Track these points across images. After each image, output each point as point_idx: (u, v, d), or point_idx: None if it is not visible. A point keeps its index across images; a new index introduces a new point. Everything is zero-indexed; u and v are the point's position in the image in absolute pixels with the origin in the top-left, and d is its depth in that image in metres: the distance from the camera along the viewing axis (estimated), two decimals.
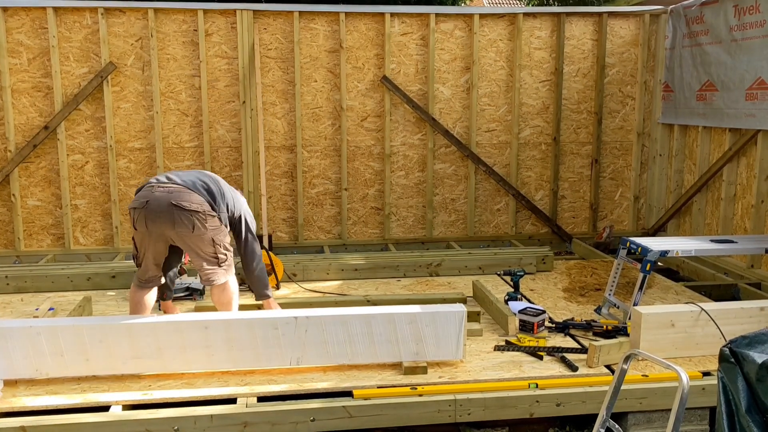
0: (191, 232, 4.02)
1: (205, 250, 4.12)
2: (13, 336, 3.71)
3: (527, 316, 4.52)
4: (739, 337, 2.40)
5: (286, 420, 3.52)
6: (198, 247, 4.11)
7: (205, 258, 4.15)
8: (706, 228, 6.64)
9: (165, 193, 4.03)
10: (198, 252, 4.13)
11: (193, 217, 4.00)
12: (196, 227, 4.02)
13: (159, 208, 3.99)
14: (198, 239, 4.07)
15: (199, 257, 4.15)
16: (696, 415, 3.81)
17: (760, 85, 5.70)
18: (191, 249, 4.14)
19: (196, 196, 4.06)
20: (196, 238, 4.06)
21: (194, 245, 4.10)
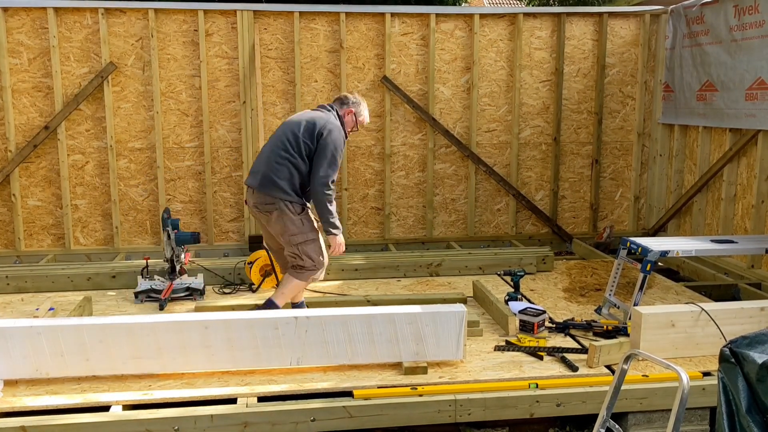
0: (268, 226, 4.60)
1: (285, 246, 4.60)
2: (13, 336, 3.71)
3: (527, 316, 4.52)
4: (739, 337, 2.40)
5: (286, 420, 3.52)
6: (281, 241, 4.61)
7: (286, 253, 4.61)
8: (706, 228, 6.64)
9: (250, 197, 4.62)
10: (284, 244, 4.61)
11: (267, 215, 4.53)
12: (269, 224, 4.57)
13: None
14: (276, 235, 4.60)
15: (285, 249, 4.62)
16: (696, 415, 3.81)
17: (760, 85, 5.70)
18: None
19: (264, 197, 4.53)
20: (274, 233, 4.59)
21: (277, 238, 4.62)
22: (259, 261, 5.65)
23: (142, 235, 6.80)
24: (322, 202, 4.45)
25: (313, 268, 4.57)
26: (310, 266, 4.55)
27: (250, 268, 5.67)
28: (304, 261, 4.53)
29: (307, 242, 4.52)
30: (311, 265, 4.55)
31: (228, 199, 6.87)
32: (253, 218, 6.83)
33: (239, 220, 6.91)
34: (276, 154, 4.47)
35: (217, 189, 6.83)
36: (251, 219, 6.83)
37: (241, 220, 6.90)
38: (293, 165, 4.44)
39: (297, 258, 4.54)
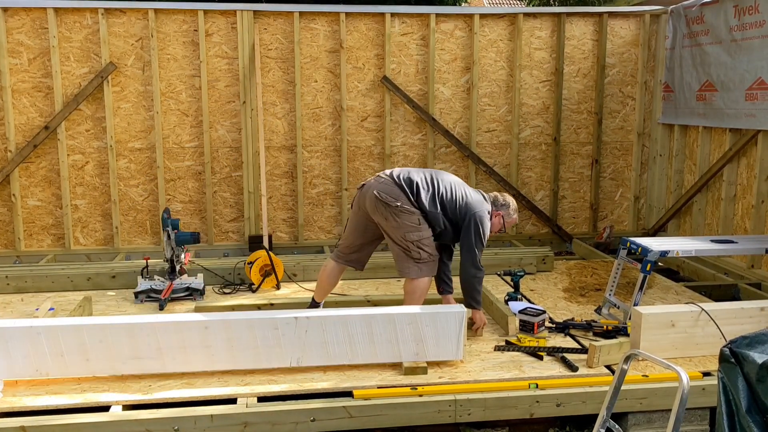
0: (384, 221, 4.36)
1: (396, 241, 4.38)
2: (13, 336, 3.71)
3: (527, 316, 4.52)
4: (739, 337, 2.40)
5: (286, 420, 3.52)
6: (390, 237, 4.42)
7: (397, 248, 4.40)
8: (706, 228, 6.64)
9: (375, 183, 4.44)
10: (391, 240, 4.43)
11: (386, 209, 4.31)
12: (388, 219, 4.33)
13: (367, 193, 4.43)
14: (390, 229, 4.37)
15: (395, 245, 4.42)
16: (696, 415, 3.81)
17: (760, 85, 5.70)
18: (387, 236, 4.45)
19: (396, 190, 4.34)
20: (388, 228, 4.38)
21: (388, 234, 4.42)
22: (259, 261, 5.65)
23: (142, 235, 6.80)
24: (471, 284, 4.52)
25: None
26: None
27: (250, 268, 5.67)
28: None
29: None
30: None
31: (228, 199, 6.87)
32: (252, 218, 6.84)
33: (239, 220, 6.91)
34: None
35: (217, 189, 6.83)
36: (251, 219, 6.83)
37: (240, 220, 6.90)
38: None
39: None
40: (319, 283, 4.79)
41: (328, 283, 4.77)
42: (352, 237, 4.66)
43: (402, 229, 4.32)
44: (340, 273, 4.77)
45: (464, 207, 4.44)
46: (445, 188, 4.46)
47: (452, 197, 4.44)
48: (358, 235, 4.63)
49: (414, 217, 4.33)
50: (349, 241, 4.68)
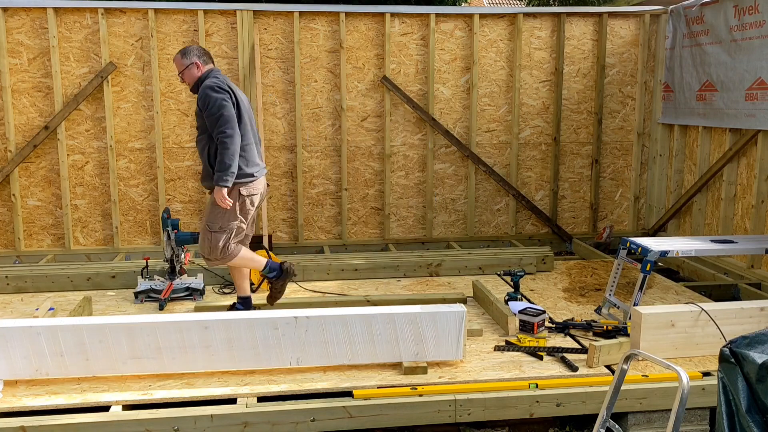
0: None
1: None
2: (13, 336, 3.71)
3: (527, 316, 4.52)
4: (739, 337, 2.40)
5: (286, 420, 3.52)
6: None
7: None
8: (706, 228, 6.64)
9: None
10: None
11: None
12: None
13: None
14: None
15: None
16: (696, 415, 3.81)
17: (760, 85, 5.70)
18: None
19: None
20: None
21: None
22: None
23: (142, 235, 6.80)
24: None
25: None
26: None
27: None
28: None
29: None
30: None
31: None
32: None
33: None
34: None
35: None
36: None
37: None
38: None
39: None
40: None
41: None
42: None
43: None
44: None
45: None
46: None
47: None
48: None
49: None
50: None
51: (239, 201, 4.54)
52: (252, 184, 4.60)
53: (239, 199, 4.54)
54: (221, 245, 4.51)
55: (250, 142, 4.60)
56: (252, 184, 4.60)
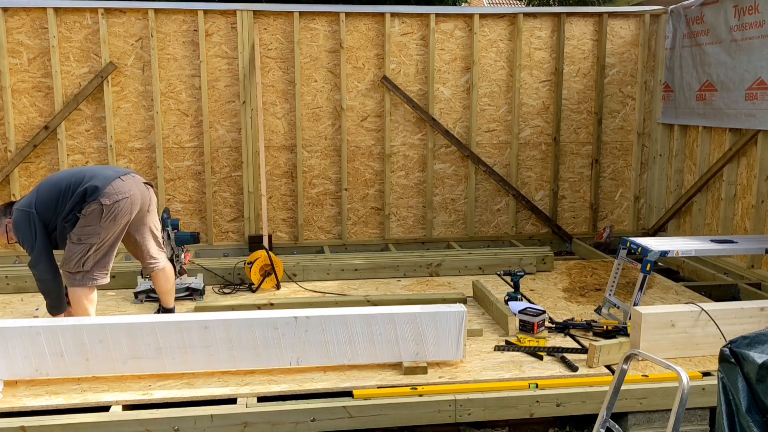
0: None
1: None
2: (13, 336, 3.71)
3: (527, 316, 4.52)
4: (739, 337, 2.40)
5: (286, 420, 3.52)
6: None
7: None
8: (706, 228, 6.64)
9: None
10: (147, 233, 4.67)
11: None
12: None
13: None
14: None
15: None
16: (696, 415, 3.81)
17: (759, 85, 5.70)
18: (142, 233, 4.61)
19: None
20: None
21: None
22: (258, 261, 5.65)
23: None
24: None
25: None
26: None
27: (250, 268, 5.67)
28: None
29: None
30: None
31: (228, 199, 6.87)
32: (252, 218, 6.84)
33: (239, 220, 6.91)
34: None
35: (217, 189, 6.83)
36: (251, 219, 6.84)
37: (240, 220, 6.90)
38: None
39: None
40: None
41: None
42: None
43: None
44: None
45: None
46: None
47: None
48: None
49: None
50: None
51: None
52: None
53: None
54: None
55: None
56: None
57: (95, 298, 4.38)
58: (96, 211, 4.16)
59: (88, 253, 4.21)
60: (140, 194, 4.40)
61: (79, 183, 4.23)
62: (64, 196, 4.21)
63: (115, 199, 4.20)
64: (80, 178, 4.26)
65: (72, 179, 4.27)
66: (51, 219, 4.23)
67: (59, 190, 4.23)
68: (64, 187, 4.24)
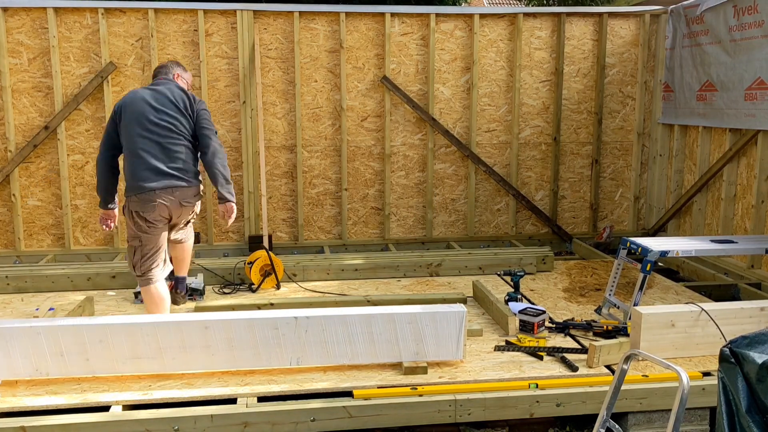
0: (188, 215, 4.85)
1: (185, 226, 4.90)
2: (13, 336, 3.71)
3: (527, 316, 4.52)
4: (739, 337, 2.40)
5: (286, 420, 3.52)
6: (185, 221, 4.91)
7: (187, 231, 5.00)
8: (706, 228, 6.64)
9: (168, 196, 4.57)
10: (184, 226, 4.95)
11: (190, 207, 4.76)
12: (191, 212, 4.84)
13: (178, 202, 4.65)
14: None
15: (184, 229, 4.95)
16: (696, 415, 3.81)
17: (759, 85, 5.70)
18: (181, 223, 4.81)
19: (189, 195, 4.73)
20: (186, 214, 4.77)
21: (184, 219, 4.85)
22: (259, 261, 5.65)
23: None
24: (225, 169, 4.53)
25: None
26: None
27: (250, 268, 5.67)
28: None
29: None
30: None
31: None
32: (252, 218, 6.84)
33: (239, 220, 6.91)
34: (165, 141, 4.39)
35: None
36: (251, 219, 6.84)
37: (240, 220, 6.90)
38: (187, 146, 4.49)
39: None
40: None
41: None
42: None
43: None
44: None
45: (178, 106, 4.46)
46: (167, 124, 4.43)
47: (173, 124, 4.46)
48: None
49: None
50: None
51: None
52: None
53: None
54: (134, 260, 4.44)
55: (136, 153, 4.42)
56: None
57: (160, 296, 4.55)
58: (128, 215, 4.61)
59: (134, 256, 4.53)
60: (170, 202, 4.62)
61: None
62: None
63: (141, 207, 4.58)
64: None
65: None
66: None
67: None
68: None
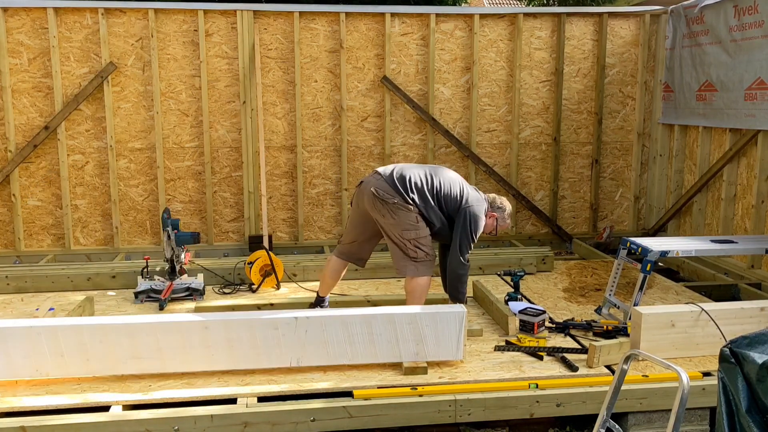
0: (382, 218, 4.41)
1: (393, 239, 4.43)
2: (13, 336, 3.71)
3: (527, 316, 4.52)
4: (739, 337, 2.39)
5: (286, 420, 3.52)
6: (388, 234, 4.47)
7: (394, 246, 4.45)
8: (706, 228, 6.64)
9: (373, 180, 4.47)
10: (388, 238, 4.48)
11: (383, 206, 4.36)
12: (385, 216, 4.38)
13: (365, 190, 4.48)
14: (388, 226, 4.42)
15: (392, 243, 4.47)
16: (696, 415, 3.81)
17: (759, 85, 5.70)
18: (385, 233, 4.50)
19: (389, 188, 4.38)
20: (386, 225, 4.43)
21: (386, 231, 4.48)
22: (259, 261, 5.65)
23: (142, 235, 6.80)
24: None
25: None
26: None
27: (250, 268, 5.67)
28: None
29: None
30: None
31: (228, 199, 6.87)
32: (252, 218, 6.83)
33: (239, 220, 6.91)
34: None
35: (217, 189, 6.83)
36: (251, 219, 6.84)
37: (240, 220, 6.90)
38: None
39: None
40: (323, 278, 4.87)
41: (330, 278, 4.83)
42: (353, 234, 4.71)
43: (399, 226, 4.35)
44: (342, 268, 4.82)
45: (459, 202, 4.46)
46: (440, 182, 4.47)
47: (449, 192, 4.47)
48: (359, 232, 4.68)
49: (411, 215, 4.35)
50: (350, 237, 4.73)
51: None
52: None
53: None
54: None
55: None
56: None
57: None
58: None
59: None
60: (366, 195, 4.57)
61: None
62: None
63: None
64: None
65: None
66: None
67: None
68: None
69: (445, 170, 4.64)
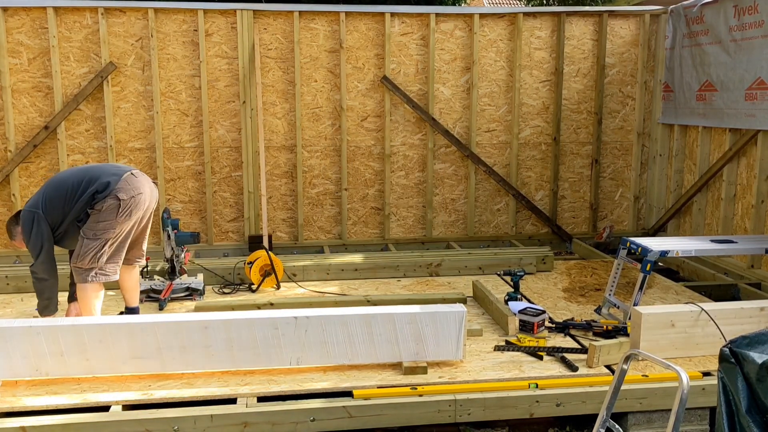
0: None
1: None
2: (13, 336, 3.71)
3: (527, 316, 4.52)
4: (739, 337, 2.40)
5: (286, 420, 3.52)
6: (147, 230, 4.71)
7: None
8: (706, 228, 6.64)
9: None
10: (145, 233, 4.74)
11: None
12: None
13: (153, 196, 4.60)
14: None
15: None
16: (696, 415, 3.81)
17: (759, 85, 5.70)
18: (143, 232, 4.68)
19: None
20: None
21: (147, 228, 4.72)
22: (258, 261, 5.65)
23: None
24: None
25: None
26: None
27: (250, 268, 5.67)
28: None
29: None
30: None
31: (228, 199, 6.87)
32: (252, 218, 6.84)
33: (239, 220, 6.91)
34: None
35: (217, 189, 6.83)
36: (251, 219, 6.84)
37: (240, 220, 6.90)
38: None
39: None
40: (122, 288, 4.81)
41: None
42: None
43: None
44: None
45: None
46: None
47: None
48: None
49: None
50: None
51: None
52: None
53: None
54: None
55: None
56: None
57: (102, 294, 4.41)
58: (113, 206, 4.21)
59: (104, 248, 4.24)
60: (150, 191, 4.50)
61: (90, 180, 4.27)
62: (72, 194, 4.25)
63: (131, 194, 4.28)
64: (89, 176, 4.30)
65: (79, 177, 4.31)
66: (58, 218, 4.28)
67: (66, 188, 4.28)
68: (72, 185, 4.28)
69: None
